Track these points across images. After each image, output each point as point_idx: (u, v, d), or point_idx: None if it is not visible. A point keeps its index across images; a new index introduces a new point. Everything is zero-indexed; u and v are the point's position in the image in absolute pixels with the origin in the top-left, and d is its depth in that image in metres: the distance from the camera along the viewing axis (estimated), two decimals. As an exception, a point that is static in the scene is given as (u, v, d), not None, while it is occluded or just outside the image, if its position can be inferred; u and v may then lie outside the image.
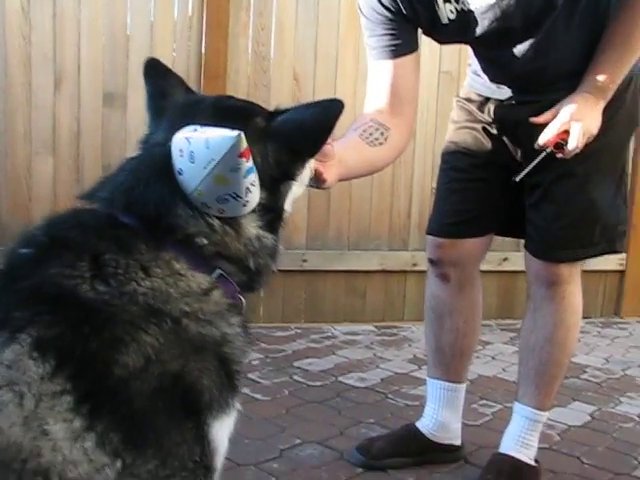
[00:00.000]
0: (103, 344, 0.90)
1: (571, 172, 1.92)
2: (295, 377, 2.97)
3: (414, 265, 3.97)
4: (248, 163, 1.03)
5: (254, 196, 1.07)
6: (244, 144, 1.01)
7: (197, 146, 1.00)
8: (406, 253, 3.99)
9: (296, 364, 3.15)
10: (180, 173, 1.03)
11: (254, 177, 1.05)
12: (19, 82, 3.31)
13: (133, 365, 0.90)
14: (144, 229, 1.02)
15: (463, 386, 2.23)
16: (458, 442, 2.26)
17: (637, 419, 2.75)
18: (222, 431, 1.00)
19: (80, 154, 3.43)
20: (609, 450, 2.44)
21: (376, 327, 3.85)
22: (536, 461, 2.13)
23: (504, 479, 2.02)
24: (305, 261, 3.79)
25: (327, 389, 2.87)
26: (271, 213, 1.12)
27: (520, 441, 2.08)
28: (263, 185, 1.08)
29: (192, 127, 1.05)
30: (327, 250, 3.85)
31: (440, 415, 2.20)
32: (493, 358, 3.42)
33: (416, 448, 2.21)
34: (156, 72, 1.19)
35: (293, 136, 1.10)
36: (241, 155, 1.01)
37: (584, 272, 2.10)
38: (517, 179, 1.87)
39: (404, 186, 3.98)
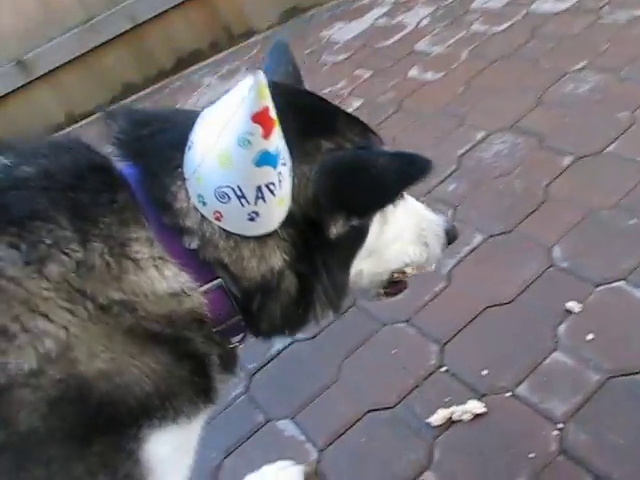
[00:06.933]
0: None
1: None
2: (474, 26, 2.34)
3: None
4: (268, 142, 0.67)
5: (272, 210, 0.71)
6: (265, 99, 0.64)
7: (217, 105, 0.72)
8: None
9: (474, 5, 2.48)
10: (189, 147, 0.71)
11: (276, 175, 0.69)
12: None
13: (17, 369, 0.62)
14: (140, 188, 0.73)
15: None
16: None
17: None
18: (166, 446, 0.71)
19: None
20: None
21: None
22: None
23: None
24: None
25: (511, 78, 2.21)
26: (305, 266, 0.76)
27: None
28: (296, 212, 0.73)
29: None
30: None
31: None
32: None
33: None
34: (278, 56, 0.93)
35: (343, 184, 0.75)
36: (257, 118, 0.65)
37: None
38: None
39: None
